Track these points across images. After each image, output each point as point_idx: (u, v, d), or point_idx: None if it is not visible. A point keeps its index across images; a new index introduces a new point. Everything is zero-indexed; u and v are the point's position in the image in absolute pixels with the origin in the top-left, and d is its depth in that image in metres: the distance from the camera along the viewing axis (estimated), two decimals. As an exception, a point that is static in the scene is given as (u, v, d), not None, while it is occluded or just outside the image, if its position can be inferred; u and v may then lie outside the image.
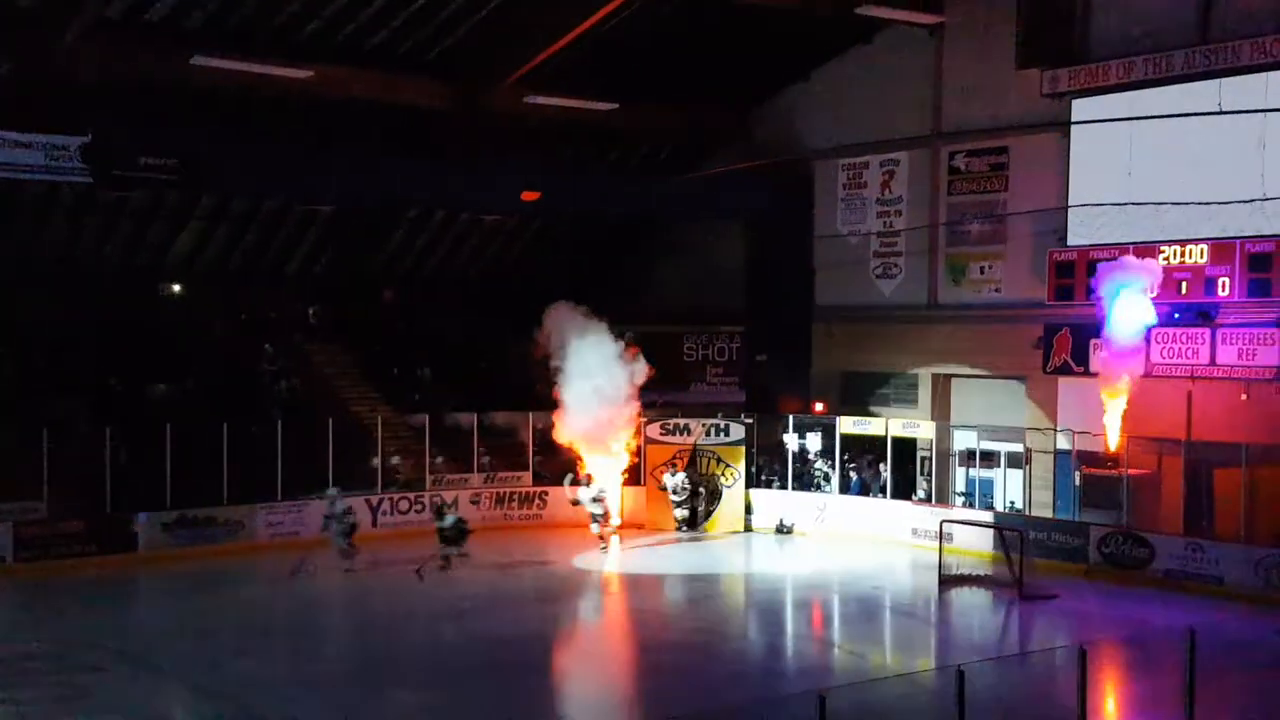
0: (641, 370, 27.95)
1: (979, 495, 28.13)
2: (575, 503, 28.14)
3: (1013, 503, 27.47)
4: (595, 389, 27.27)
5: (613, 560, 27.15)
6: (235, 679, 18.06)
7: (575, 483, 28.11)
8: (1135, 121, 26.26)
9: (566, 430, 27.86)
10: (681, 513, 29.52)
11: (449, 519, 25.20)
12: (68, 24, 23.86)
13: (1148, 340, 25.12)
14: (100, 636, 20.23)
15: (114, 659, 19.10)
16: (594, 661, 20.54)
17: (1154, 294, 24.94)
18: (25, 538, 24.62)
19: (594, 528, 27.73)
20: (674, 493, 29.49)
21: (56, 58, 24.49)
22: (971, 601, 23.46)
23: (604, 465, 28.55)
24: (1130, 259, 25.22)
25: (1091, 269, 25.64)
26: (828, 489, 29.69)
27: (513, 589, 24.74)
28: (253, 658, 19.29)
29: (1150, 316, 24.85)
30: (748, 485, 30.13)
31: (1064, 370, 27.21)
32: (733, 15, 27.50)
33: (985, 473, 28.13)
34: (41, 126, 24.00)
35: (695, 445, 30.13)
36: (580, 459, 28.52)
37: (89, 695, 17.34)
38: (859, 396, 31.65)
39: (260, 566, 24.88)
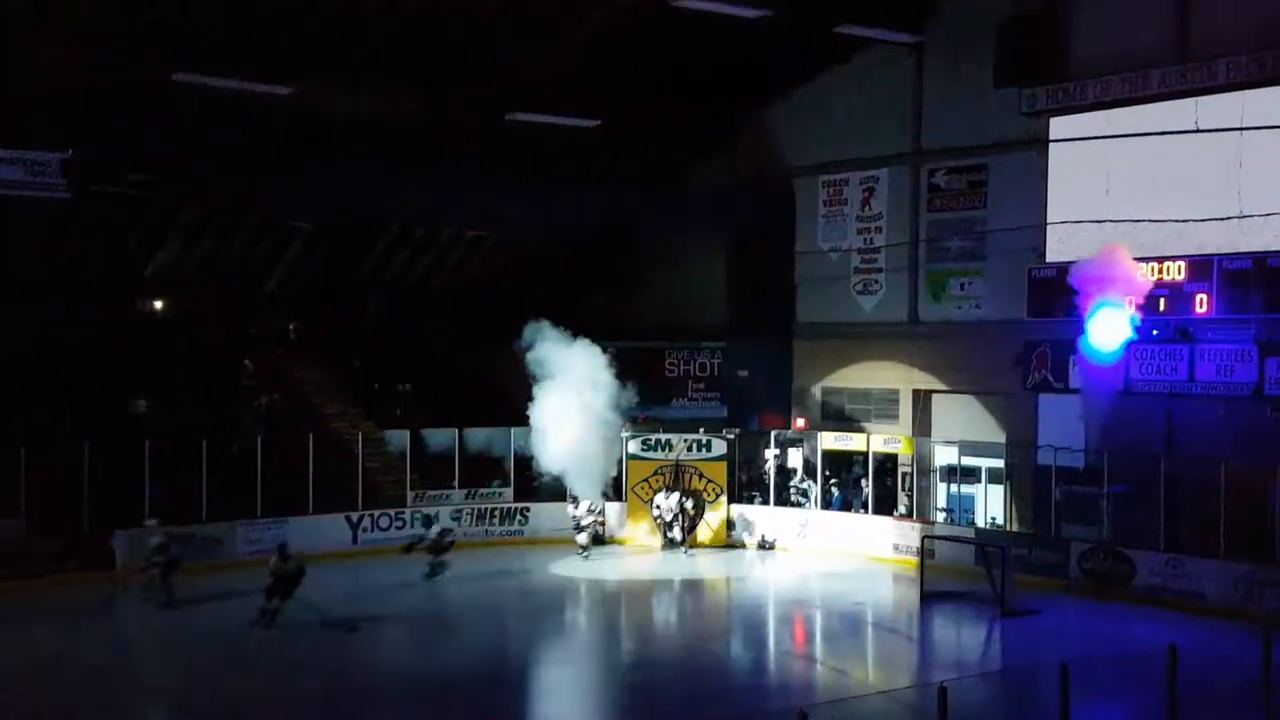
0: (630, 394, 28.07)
1: (960, 511, 28.20)
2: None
3: (994, 518, 27.57)
4: (582, 406, 27.14)
5: (594, 575, 27.10)
6: (216, 697, 17.98)
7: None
8: (1113, 140, 26.50)
9: (551, 454, 27.71)
10: (674, 533, 29.41)
11: (293, 563, 21.68)
12: (48, 40, 23.78)
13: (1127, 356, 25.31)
14: (79, 654, 20.12)
15: (93, 677, 19.00)
16: (574, 677, 20.48)
17: (1136, 302, 24.91)
18: (3, 555, 24.43)
19: (581, 538, 28.22)
20: (665, 513, 29.44)
21: (37, 73, 24.41)
22: (953, 617, 23.49)
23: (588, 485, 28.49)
24: (1115, 254, 25.04)
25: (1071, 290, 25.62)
26: (806, 505, 29.75)
27: (492, 604, 24.72)
28: (233, 675, 19.19)
29: (1129, 332, 24.96)
30: (730, 501, 30.17)
31: (1044, 386, 27.35)
32: (714, 34, 27.59)
33: (966, 488, 28.22)
34: (22, 142, 23.95)
35: (677, 461, 30.14)
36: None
37: (69, 714, 17.24)
38: (840, 412, 31.74)
39: (239, 584, 24.72)
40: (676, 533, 29.34)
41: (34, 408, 27.78)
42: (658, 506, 29.59)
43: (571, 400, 27.12)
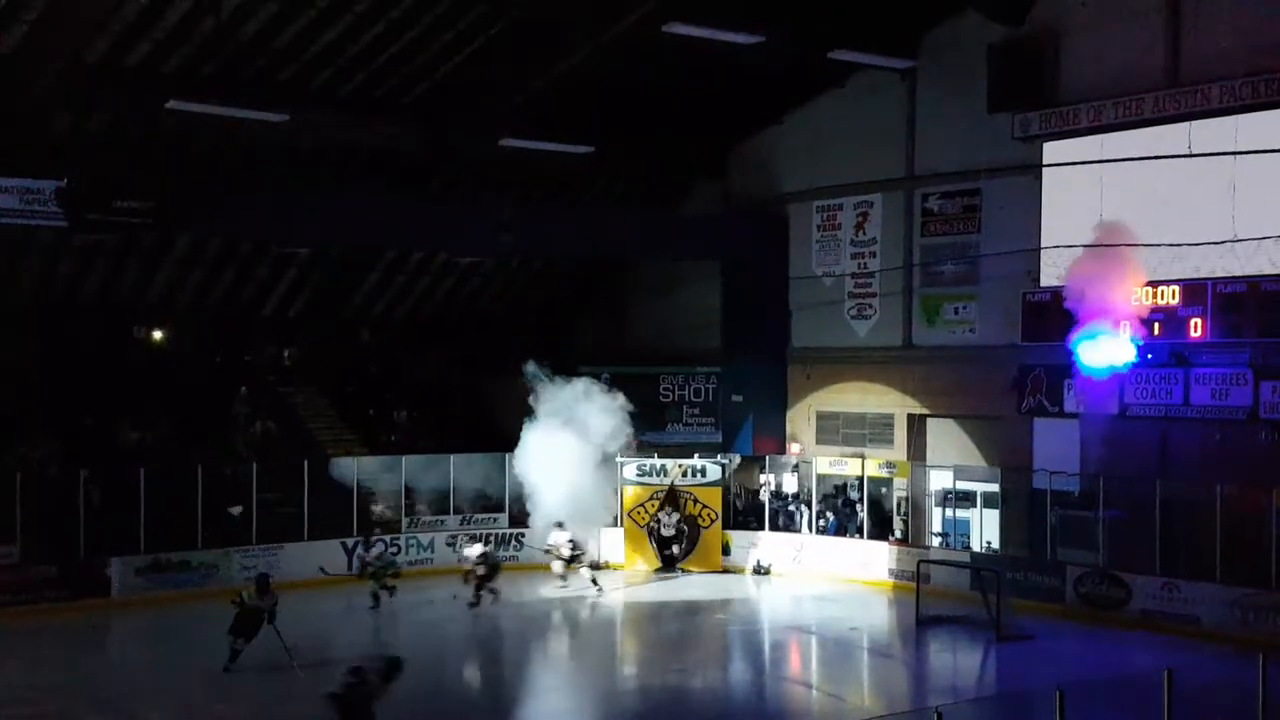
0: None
1: (955, 535, 28.15)
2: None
3: (989, 543, 27.52)
4: (580, 447, 27.11)
5: (587, 600, 27.03)
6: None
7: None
8: (1106, 164, 26.57)
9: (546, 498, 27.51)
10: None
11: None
12: (43, 68, 23.85)
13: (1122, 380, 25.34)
14: (74, 683, 20.04)
15: (88, 706, 18.92)
16: (567, 704, 20.42)
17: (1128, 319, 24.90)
18: (-3, 583, 24.48)
19: (556, 566, 27.62)
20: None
21: (32, 101, 24.46)
22: (949, 642, 23.45)
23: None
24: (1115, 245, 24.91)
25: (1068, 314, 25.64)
26: (798, 521, 29.68)
27: (489, 629, 24.65)
28: (227, 703, 19.11)
29: (1129, 354, 24.97)
30: (724, 525, 30.11)
31: (1038, 411, 27.34)
32: (708, 60, 27.70)
33: (962, 513, 28.17)
34: (16, 170, 23.98)
35: (672, 485, 30.10)
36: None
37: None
38: (834, 437, 31.73)
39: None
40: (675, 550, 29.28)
41: (29, 435, 27.76)
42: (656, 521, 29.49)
43: (570, 442, 27.00)
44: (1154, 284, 25.25)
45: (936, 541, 28.25)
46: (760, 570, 29.52)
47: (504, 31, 26.66)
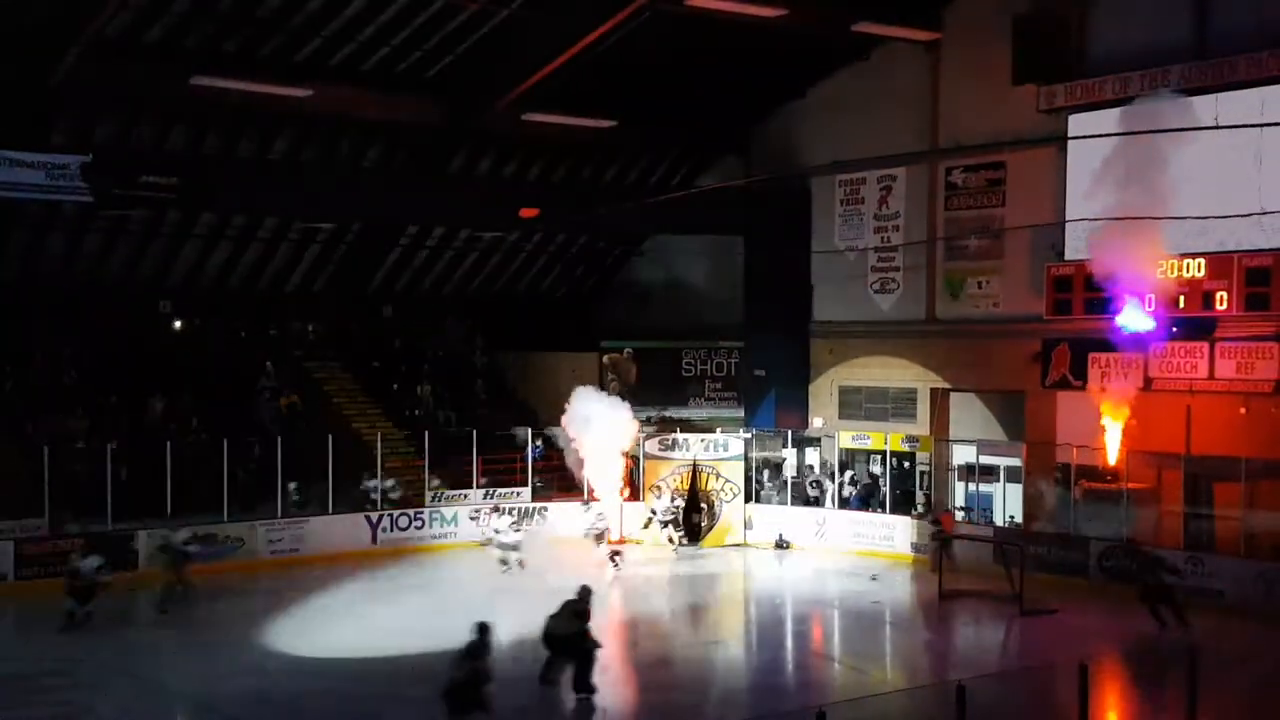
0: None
1: (978, 510, 28.15)
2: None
3: (1012, 517, 27.50)
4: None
5: (611, 575, 27.11)
6: (236, 696, 18.06)
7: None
8: (1131, 136, 26.35)
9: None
10: (669, 532, 29.48)
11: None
12: (68, 44, 23.93)
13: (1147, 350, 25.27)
14: (102, 653, 20.24)
15: (116, 676, 19.11)
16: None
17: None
18: (27, 555, 24.69)
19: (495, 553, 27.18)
20: (661, 514, 29.55)
21: (57, 77, 24.56)
22: (972, 616, 23.46)
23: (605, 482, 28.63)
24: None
25: (1089, 283, 25.57)
26: (825, 494, 29.68)
27: (511, 602, 24.73)
28: (253, 675, 19.27)
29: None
30: (746, 500, 30.16)
31: (1062, 385, 27.26)
32: (730, 33, 27.61)
33: (984, 487, 28.15)
34: (42, 146, 24.08)
35: (695, 461, 30.15)
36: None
37: (91, 713, 17.37)
38: (857, 411, 31.69)
39: (260, 583, 24.87)
40: (679, 530, 29.36)
41: (56, 409, 27.96)
42: (652, 510, 29.70)
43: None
44: (1180, 257, 25.11)
45: (959, 516, 28.25)
46: (782, 545, 29.55)
47: (526, 5, 26.60)
